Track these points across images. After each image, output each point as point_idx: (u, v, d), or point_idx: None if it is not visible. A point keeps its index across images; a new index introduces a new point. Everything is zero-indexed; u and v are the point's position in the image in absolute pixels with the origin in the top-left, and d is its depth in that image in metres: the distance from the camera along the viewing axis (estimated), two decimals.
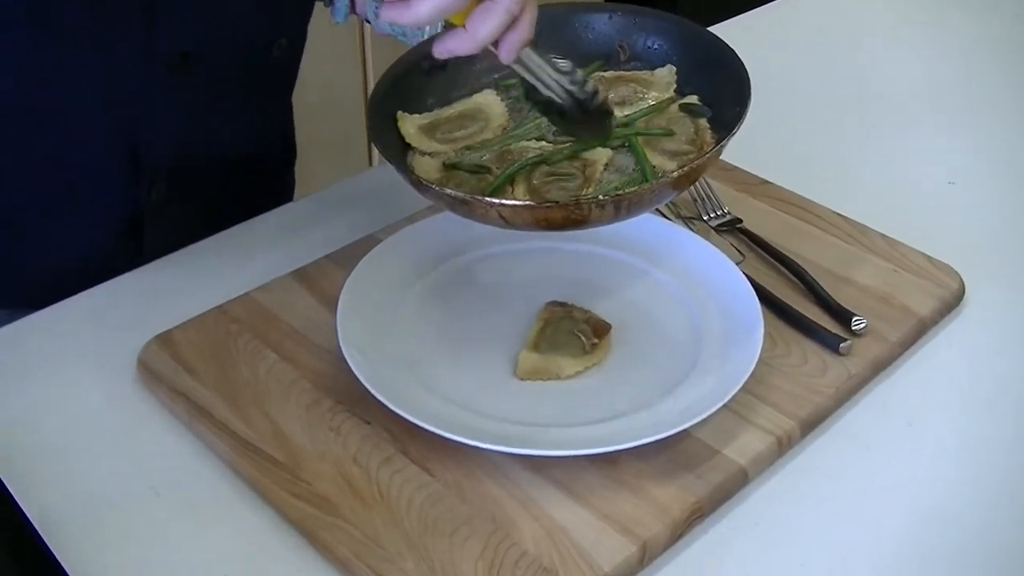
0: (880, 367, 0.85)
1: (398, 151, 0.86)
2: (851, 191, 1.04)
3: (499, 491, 0.74)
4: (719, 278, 0.88)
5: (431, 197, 0.79)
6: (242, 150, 1.03)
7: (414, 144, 0.88)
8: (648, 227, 0.93)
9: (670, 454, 0.76)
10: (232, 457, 0.77)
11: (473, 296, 0.90)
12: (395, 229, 0.94)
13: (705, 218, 0.99)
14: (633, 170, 0.83)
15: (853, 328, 0.86)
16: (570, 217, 0.75)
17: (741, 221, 0.98)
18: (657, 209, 0.99)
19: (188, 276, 0.95)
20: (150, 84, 0.90)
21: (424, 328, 0.87)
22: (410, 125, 0.89)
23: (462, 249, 0.94)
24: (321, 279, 0.92)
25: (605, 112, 0.81)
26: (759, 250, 0.95)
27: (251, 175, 1.06)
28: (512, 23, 0.71)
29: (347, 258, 0.92)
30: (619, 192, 0.77)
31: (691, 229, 0.96)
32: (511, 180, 0.83)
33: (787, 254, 0.94)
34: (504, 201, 0.76)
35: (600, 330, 0.84)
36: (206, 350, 0.85)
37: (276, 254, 0.96)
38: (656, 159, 0.83)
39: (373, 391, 0.77)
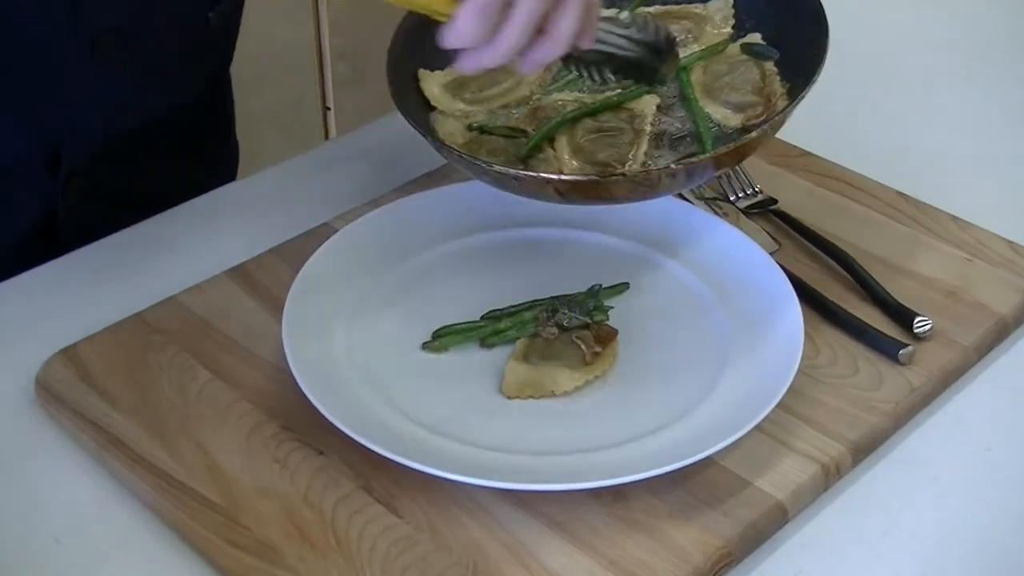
0: (950, 378, 0.85)
1: (425, 118, 0.87)
2: (911, 164, 1.04)
3: (482, 534, 0.74)
4: (749, 271, 0.88)
5: (475, 172, 0.81)
6: (174, 130, 1.04)
7: (440, 107, 0.89)
8: (662, 210, 0.94)
9: (690, 487, 0.76)
10: (154, 497, 0.77)
11: (448, 296, 0.90)
12: (354, 216, 0.94)
13: (732, 199, 0.99)
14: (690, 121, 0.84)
15: (915, 331, 0.86)
16: (636, 189, 0.77)
17: (776, 202, 0.99)
18: None
19: (99, 276, 0.95)
20: (75, 65, 0.92)
21: (389, 336, 0.87)
22: (433, 84, 0.89)
23: (435, 240, 0.94)
24: (264, 278, 0.92)
25: (673, 47, 0.82)
26: (798, 236, 0.95)
27: (186, 158, 1.08)
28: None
29: (295, 252, 0.92)
30: (692, 160, 0.78)
31: (715, 213, 0.96)
32: (550, 139, 0.84)
33: (833, 241, 0.94)
34: (563, 176, 0.78)
35: (603, 336, 0.85)
36: (121, 367, 0.85)
37: (208, 248, 0.97)
38: (718, 111, 0.84)
39: (327, 414, 0.77)
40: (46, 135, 0.96)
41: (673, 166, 0.77)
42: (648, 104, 0.87)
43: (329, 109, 2.14)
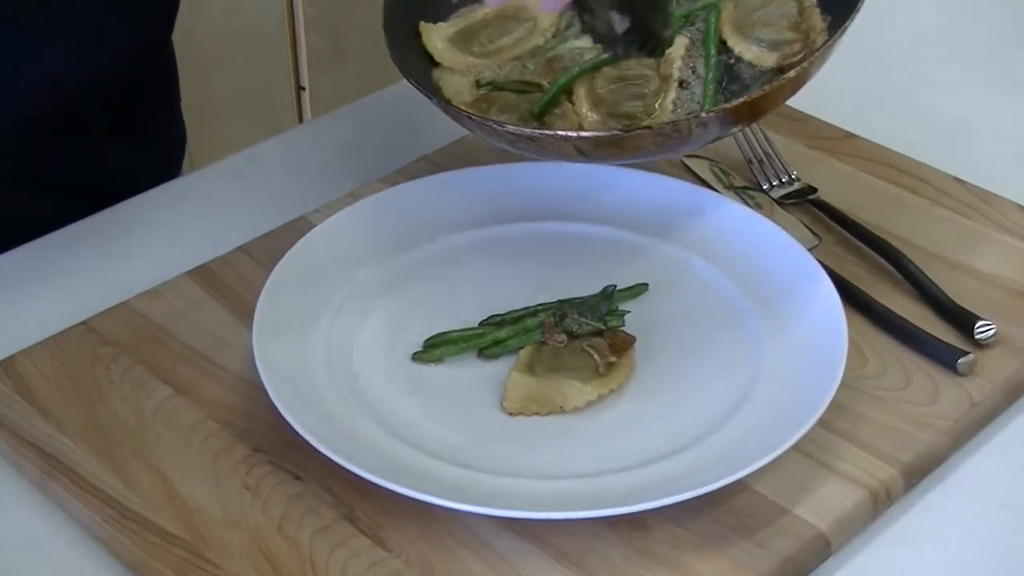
0: (1016, 391, 0.85)
1: (427, 77, 0.88)
2: (972, 147, 1.04)
3: (481, 569, 0.74)
4: (785, 270, 0.88)
5: (486, 134, 0.82)
6: (107, 106, 1.04)
7: (446, 63, 0.90)
8: (685, 201, 0.94)
9: (719, 515, 0.76)
10: (105, 530, 0.76)
11: (442, 300, 0.90)
12: (334, 209, 0.94)
13: (765, 187, 0.99)
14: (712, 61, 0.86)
15: (977, 337, 0.86)
16: (665, 142, 0.79)
17: (816, 191, 0.99)
18: (698, 176, 1.00)
19: (39, 279, 0.95)
20: None
21: (375, 346, 0.87)
22: (437, 38, 0.90)
23: (426, 236, 0.94)
24: (231, 279, 0.92)
25: None
26: (841, 229, 0.95)
27: (123, 138, 1.07)
28: None
29: (267, 250, 0.92)
30: (724, 107, 0.79)
31: (746, 203, 0.96)
32: (568, 92, 0.85)
33: (880, 235, 0.94)
34: (583, 133, 0.79)
35: (619, 344, 0.85)
36: (66, 382, 0.85)
37: (166, 245, 0.96)
38: (750, 51, 0.85)
39: (305, 433, 0.77)
40: None
41: (704, 115, 0.78)
42: (676, 46, 0.88)
43: (303, 88, 2.15)
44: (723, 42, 0.90)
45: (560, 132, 0.80)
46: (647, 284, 0.90)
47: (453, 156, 1.01)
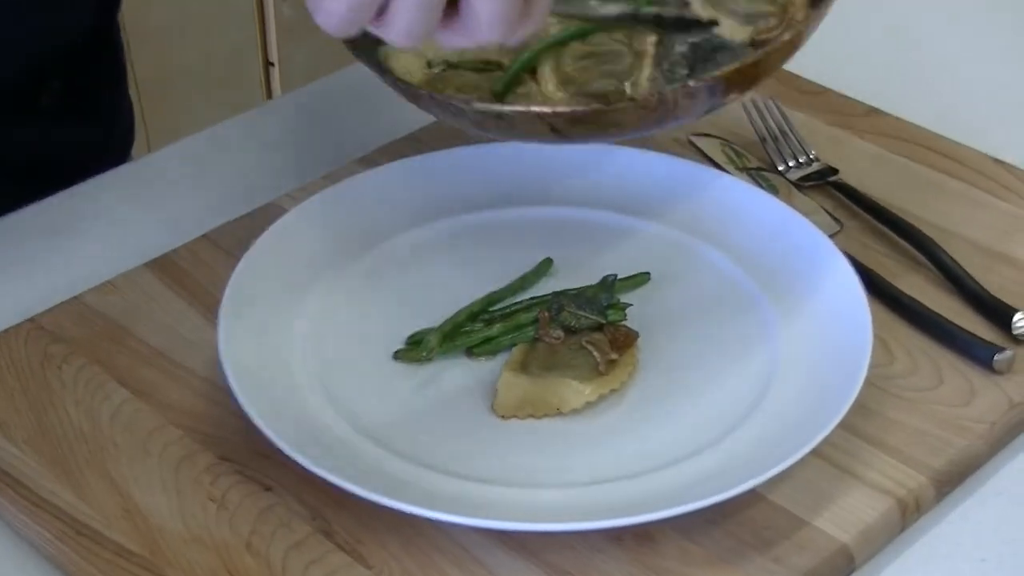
0: None
1: (373, 52, 0.88)
2: (1010, 124, 1.04)
3: None
4: (803, 258, 0.88)
5: (449, 115, 0.82)
6: (51, 81, 1.04)
7: None
8: (691, 182, 0.94)
9: (732, 527, 0.76)
10: (57, 547, 0.76)
11: (427, 292, 0.90)
12: (307, 193, 0.95)
13: (782, 168, 1.00)
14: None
15: (1015, 332, 0.87)
16: (648, 117, 0.78)
17: (837, 172, 0.99)
18: (708, 156, 1.00)
19: None
20: None
21: (354, 343, 0.87)
22: None
23: (409, 222, 0.94)
24: (194, 270, 0.92)
25: None
26: (865, 215, 0.96)
27: (67, 116, 1.07)
28: None
29: (234, 238, 0.92)
30: (716, 73, 0.79)
31: (760, 186, 0.97)
32: (531, 70, 0.85)
33: (909, 220, 0.94)
34: (559, 109, 0.79)
35: (621, 341, 0.85)
36: (12, 384, 0.85)
37: (121, 234, 0.97)
38: (722, 25, 0.85)
39: (276, 440, 0.77)
40: None
41: (692, 83, 0.78)
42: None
43: (272, 64, 2.15)
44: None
45: (534, 108, 0.79)
46: (648, 273, 0.90)
47: (439, 134, 1.01)
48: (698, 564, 0.74)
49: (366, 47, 0.87)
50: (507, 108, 0.80)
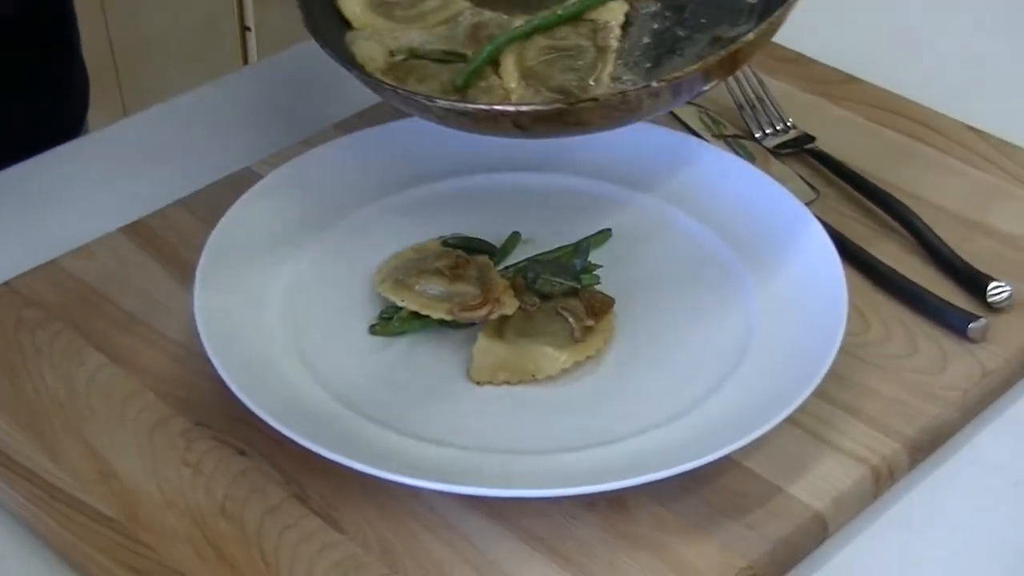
0: None
1: (341, 42, 0.87)
2: (988, 93, 1.05)
3: (445, 554, 0.74)
4: (779, 226, 0.89)
5: (412, 109, 0.82)
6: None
7: (365, 27, 0.89)
8: (669, 150, 0.94)
9: (706, 494, 0.76)
10: (31, 512, 0.76)
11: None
12: (283, 159, 0.94)
13: (758, 135, 1.00)
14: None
15: (989, 300, 0.87)
16: (612, 115, 0.79)
17: (814, 139, 0.99)
18: (685, 123, 1.00)
19: None
20: None
21: (329, 310, 0.87)
22: (354, 2, 0.90)
23: (384, 188, 0.94)
24: (169, 236, 0.92)
25: None
26: (842, 182, 0.96)
27: (18, 85, 1.07)
28: None
29: (209, 203, 0.92)
30: (675, 75, 0.79)
31: (737, 154, 0.97)
32: (494, 63, 0.85)
33: (885, 188, 0.94)
34: (523, 108, 0.78)
35: (597, 307, 0.85)
36: None
37: (97, 199, 0.96)
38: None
39: (251, 404, 0.77)
40: None
41: (655, 84, 0.78)
42: (615, 13, 0.88)
43: (248, 29, 2.14)
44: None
45: (498, 107, 0.80)
46: (610, 229, 0.90)
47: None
48: (672, 531, 0.75)
49: (332, 36, 0.87)
50: (471, 106, 0.80)
